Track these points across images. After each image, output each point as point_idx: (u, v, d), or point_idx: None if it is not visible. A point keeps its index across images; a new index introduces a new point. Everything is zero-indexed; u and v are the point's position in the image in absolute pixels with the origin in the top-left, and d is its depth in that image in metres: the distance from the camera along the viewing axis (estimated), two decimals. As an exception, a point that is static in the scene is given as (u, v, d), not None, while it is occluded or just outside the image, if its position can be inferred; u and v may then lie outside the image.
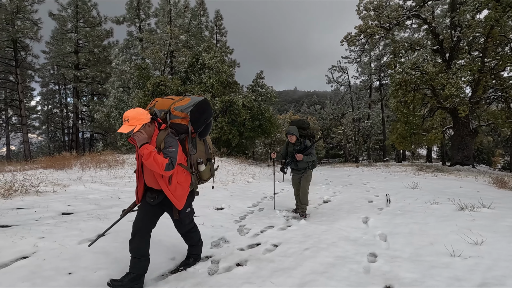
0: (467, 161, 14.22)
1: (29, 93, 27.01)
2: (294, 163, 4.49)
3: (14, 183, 5.06)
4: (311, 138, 4.63)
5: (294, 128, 4.46)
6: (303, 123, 4.59)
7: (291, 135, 4.42)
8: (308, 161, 4.40)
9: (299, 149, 4.41)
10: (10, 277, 2.11)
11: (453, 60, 14.39)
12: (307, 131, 4.56)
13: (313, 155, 4.43)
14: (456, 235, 3.02)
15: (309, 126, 4.60)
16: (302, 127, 4.54)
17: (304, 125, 4.55)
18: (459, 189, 6.07)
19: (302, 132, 4.53)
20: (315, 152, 4.65)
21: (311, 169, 4.58)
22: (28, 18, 20.30)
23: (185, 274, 2.45)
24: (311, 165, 4.53)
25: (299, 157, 4.29)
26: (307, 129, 4.56)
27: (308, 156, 4.37)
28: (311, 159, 4.40)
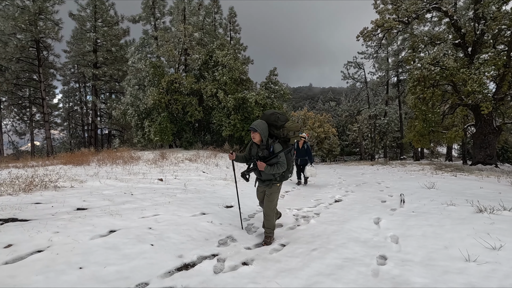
0: (490, 160, 13.58)
1: (51, 91, 28.11)
2: (257, 171, 3.37)
3: (34, 178, 5.29)
4: (286, 141, 3.38)
5: (260, 123, 3.22)
6: (276, 118, 3.27)
7: (254, 132, 3.22)
8: (272, 173, 3.23)
9: (262, 155, 3.24)
10: (25, 270, 2.21)
11: (476, 54, 13.72)
12: (280, 131, 3.30)
13: (281, 166, 3.17)
14: (473, 239, 2.89)
15: (283, 124, 3.30)
16: (273, 124, 3.28)
17: (277, 122, 3.26)
18: (479, 190, 5.81)
19: (273, 131, 3.31)
20: (287, 161, 3.31)
21: (278, 183, 3.37)
22: (50, 19, 21.09)
23: (191, 271, 2.48)
24: (280, 178, 3.36)
25: (260, 166, 3.16)
26: (280, 127, 3.30)
27: (272, 167, 3.15)
28: (277, 170, 3.16)
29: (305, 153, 8.19)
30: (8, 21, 18.57)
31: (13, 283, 2.04)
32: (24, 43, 20.80)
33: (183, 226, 3.47)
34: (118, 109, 19.78)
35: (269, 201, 3.39)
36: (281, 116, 3.29)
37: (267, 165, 3.16)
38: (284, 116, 3.30)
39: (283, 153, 3.22)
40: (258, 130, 3.16)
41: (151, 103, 16.41)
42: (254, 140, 3.27)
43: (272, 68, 19.80)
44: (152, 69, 17.51)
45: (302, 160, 8.31)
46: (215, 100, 17.39)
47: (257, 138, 3.24)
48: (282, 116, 3.30)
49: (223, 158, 12.49)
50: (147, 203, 4.48)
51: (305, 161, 8.24)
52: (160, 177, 6.92)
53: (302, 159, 8.30)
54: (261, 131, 3.18)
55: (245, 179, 3.43)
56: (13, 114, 25.58)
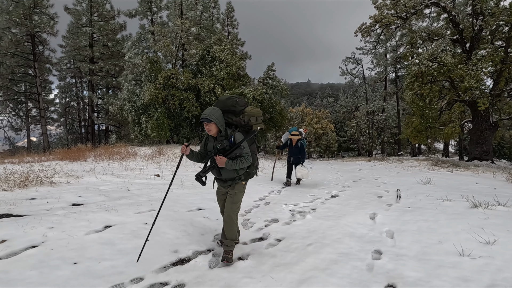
0: (486, 156, 13.66)
1: (47, 86, 27.85)
2: (216, 170, 2.74)
3: (30, 174, 5.26)
4: (248, 130, 2.86)
5: (213, 111, 2.61)
6: (234, 103, 2.75)
7: (208, 123, 2.61)
8: (236, 168, 2.65)
9: (221, 148, 2.67)
10: (19, 265, 2.20)
11: (473, 50, 13.71)
12: (239, 118, 2.76)
13: (246, 159, 2.64)
14: (467, 233, 2.91)
15: (243, 109, 2.77)
16: (231, 110, 2.74)
17: (235, 107, 2.74)
18: (474, 186, 5.85)
19: (232, 118, 2.76)
20: (251, 153, 2.76)
21: (243, 181, 2.81)
22: (45, 13, 20.82)
23: (186, 266, 2.48)
24: (244, 175, 2.79)
25: (220, 162, 2.59)
26: (239, 114, 2.75)
27: (235, 162, 2.60)
28: (241, 165, 2.62)
29: (299, 151, 7.44)
30: (3, 15, 18.30)
31: (6, 279, 2.03)
32: (19, 37, 20.54)
33: (179, 222, 3.47)
34: (115, 104, 19.65)
35: (233, 203, 2.74)
36: (240, 100, 2.81)
37: (229, 160, 2.60)
38: (242, 100, 2.84)
39: (246, 143, 2.69)
40: (212, 120, 2.57)
41: (148, 98, 16.31)
42: (210, 133, 2.67)
43: (270, 64, 19.71)
44: (149, 64, 17.37)
45: (295, 159, 7.51)
46: (212, 96, 17.31)
47: (213, 130, 2.64)
48: (241, 100, 2.82)
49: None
50: (144, 198, 4.47)
51: (298, 159, 7.51)
52: (157, 173, 6.91)
53: (295, 158, 7.52)
54: (217, 120, 2.59)
55: (201, 182, 2.69)
56: (9, 109, 25.36)
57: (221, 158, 2.59)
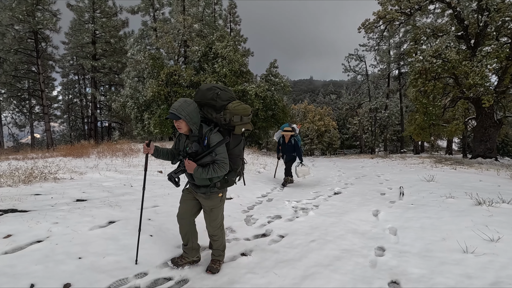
0: (490, 153, 13.57)
1: (50, 83, 27.95)
2: (188, 174, 2.32)
3: (34, 170, 5.30)
4: (228, 130, 2.32)
5: (184, 105, 2.14)
6: (215, 96, 2.22)
7: (177, 120, 2.16)
8: (206, 177, 2.18)
9: (191, 151, 2.20)
10: (24, 260, 2.22)
11: (478, 46, 13.56)
12: (221, 115, 2.25)
13: (220, 167, 2.15)
14: (471, 231, 2.90)
15: (225, 105, 2.26)
16: (210, 103, 2.24)
17: (215, 101, 2.22)
18: (478, 183, 5.81)
19: (211, 114, 2.27)
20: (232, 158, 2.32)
21: (219, 191, 2.33)
22: (48, 10, 20.83)
23: (189, 262, 2.49)
24: (221, 183, 2.30)
25: (189, 168, 2.15)
26: (221, 109, 2.25)
27: (206, 170, 2.13)
28: (214, 174, 2.15)
29: (293, 148, 6.82)
30: (6, 12, 18.33)
31: (12, 273, 2.05)
32: (22, 34, 20.61)
33: (182, 218, 3.48)
34: (118, 101, 19.70)
35: (212, 220, 2.39)
36: (223, 92, 2.25)
37: (198, 166, 2.13)
38: (227, 93, 2.28)
39: (223, 147, 2.17)
40: (181, 116, 2.10)
41: (151, 95, 16.33)
42: (180, 131, 2.21)
43: (273, 60, 19.64)
44: (151, 61, 17.37)
45: (288, 157, 6.93)
46: (214, 93, 17.29)
47: (184, 128, 2.18)
48: (224, 93, 2.26)
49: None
50: (147, 194, 4.48)
51: (293, 157, 6.93)
52: (159, 169, 6.93)
53: (288, 155, 6.94)
54: (187, 117, 2.11)
55: (174, 183, 2.31)
56: (13, 106, 25.50)
57: (190, 163, 2.13)
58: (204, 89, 2.27)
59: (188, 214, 2.43)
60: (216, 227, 2.42)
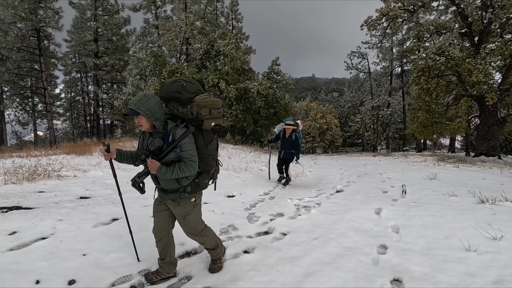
0: (493, 151, 13.49)
1: (53, 81, 28.04)
2: (152, 177, 2.10)
3: (37, 168, 5.33)
4: (197, 126, 2.08)
5: (143, 99, 1.94)
6: (179, 88, 2.02)
7: (137, 116, 1.96)
8: (171, 178, 1.96)
9: (154, 148, 1.97)
10: (29, 256, 2.24)
11: (482, 44, 13.43)
12: (187, 109, 2.04)
13: (187, 166, 1.94)
14: (474, 229, 2.89)
15: (192, 98, 2.04)
16: (175, 97, 2.03)
17: (181, 94, 2.01)
18: (481, 181, 5.79)
19: (177, 109, 2.06)
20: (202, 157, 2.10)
21: (191, 196, 2.10)
22: (50, 7, 20.84)
23: (192, 259, 2.51)
24: (191, 187, 2.07)
25: (151, 167, 1.95)
26: (187, 103, 2.04)
27: (171, 169, 1.92)
28: (180, 174, 1.93)
29: (292, 145, 6.33)
30: (8, 10, 18.36)
31: (18, 269, 2.07)
32: (25, 32, 20.64)
33: (185, 215, 3.50)
34: (120, 99, 19.72)
35: (189, 228, 2.17)
36: (189, 85, 2.05)
37: (162, 165, 1.92)
38: (193, 86, 2.08)
39: (190, 144, 1.97)
40: (141, 112, 1.90)
41: (153, 93, 16.33)
42: (142, 128, 2.00)
43: (275, 58, 19.55)
44: (153, 59, 17.37)
45: (286, 153, 6.42)
46: (216, 90, 17.28)
47: (145, 125, 1.98)
48: (190, 85, 2.06)
49: (225, 148, 12.51)
50: (150, 192, 4.51)
51: (291, 154, 6.43)
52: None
53: (286, 152, 6.42)
54: (148, 112, 1.91)
55: (138, 189, 2.06)
56: (16, 104, 25.63)
57: (153, 163, 1.92)
58: (168, 82, 2.08)
59: (164, 227, 2.21)
60: (196, 234, 2.21)
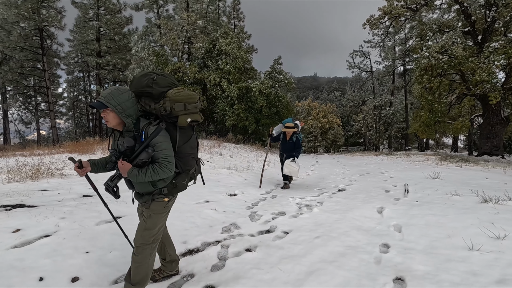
0: (496, 151, 13.42)
1: (55, 80, 28.14)
2: (126, 180, 1.92)
3: (41, 166, 5.37)
4: (172, 123, 1.90)
5: (113, 92, 1.75)
6: (150, 82, 1.83)
7: (105, 111, 1.74)
8: (144, 181, 1.76)
9: (122, 148, 1.76)
10: (33, 254, 2.26)
11: (485, 42, 13.34)
12: (160, 104, 1.84)
13: (161, 167, 1.75)
14: (477, 228, 2.88)
15: (164, 92, 1.85)
16: (146, 92, 1.84)
17: (152, 88, 1.82)
18: (484, 181, 5.76)
19: (150, 105, 1.86)
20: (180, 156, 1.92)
21: (166, 197, 1.92)
22: (52, 7, 20.90)
23: (195, 257, 2.52)
24: (168, 188, 1.90)
25: (122, 170, 1.74)
26: (159, 98, 1.84)
27: (143, 171, 1.73)
28: (154, 176, 1.75)
29: (293, 147, 6.10)
30: (11, 9, 18.45)
31: (22, 266, 2.09)
32: (28, 31, 20.71)
33: (186, 214, 3.51)
34: (122, 98, 19.75)
35: (145, 229, 1.90)
36: (160, 78, 1.86)
37: (134, 167, 1.72)
38: (166, 79, 1.88)
39: (165, 143, 1.76)
40: (109, 105, 1.69)
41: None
42: (109, 124, 1.77)
43: (277, 57, 19.54)
44: (155, 58, 17.39)
45: (288, 156, 6.20)
46: (218, 90, 17.30)
47: (112, 121, 1.75)
48: (162, 79, 1.87)
49: (227, 147, 12.52)
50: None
51: (293, 157, 6.17)
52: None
53: (288, 155, 6.20)
54: (117, 106, 1.70)
55: (112, 194, 1.88)
56: (19, 103, 25.75)
57: (124, 164, 1.72)
58: (138, 76, 1.87)
59: None
60: (145, 240, 1.88)
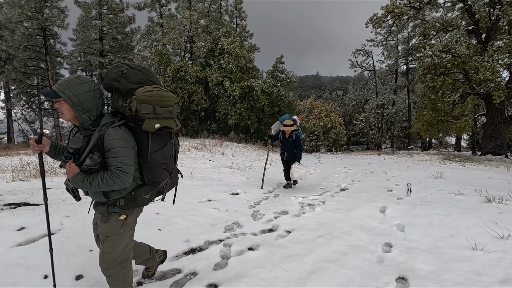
0: (500, 150, 13.33)
1: (59, 79, 28.25)
2: None
3: (45, 165, 5.40)
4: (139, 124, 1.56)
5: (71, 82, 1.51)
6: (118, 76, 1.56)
7: (59, 102, 1.53)
8: (91, 190, 1.54)
9: (74, 151, 1.51)
10: (37, 252, 2.28)
11: (489, 41, 13.24)
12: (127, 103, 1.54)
13: (115, 177, 1.45)
14: (480, 228, 2.87)
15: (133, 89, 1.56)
16: (113, 87, 1.59)
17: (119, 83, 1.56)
18: (488, 180, 5.73)
19: (116, 101, 1.62)
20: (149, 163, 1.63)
21: (122, 213, 1.62)
22: (56, 6, 21.00)
23: (198, 255, 2.53)
24: (125, 201, 1.60)
25: (68, 172, 1.49)
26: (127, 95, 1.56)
27: (91, 178, 1.46)
28: (102, 186, 1.45)
29: (293, 145, 5.77)
30: (15, 9, 18.55)
31: (26, 264, 2.11)
32: (31, 31, 20.82)
33: (189, 212, 3.53)
34: (125, 97, 19.82)
35: (105, 252, 1.66)
36: (132, 72, 1.58)
37: (80, 173, 1.47)
38: (138, 74, 1.59)
39: (123, 149, 1.47)
40: (64, 97, 1.47)
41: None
42: (63, 118, 1.56)
43: (279, 56, 19.50)
44: (158, 57, 17.43)
45: (289, 155, 5.87)
46: (221, 89, 17.31)
47: (66, 114, 1.53)
48: (134, 73, 1.58)
49: (229, 146, 12.53)
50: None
51: (294, 155, 5.84)
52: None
53: (289, 154, 5.87)
54: (73, 98, 1.48)
55: (72, 195, 1.69)
56: (22, 102, 25.91)
57: (71, 167, 1.48)
58: (111, 67, 1.62)
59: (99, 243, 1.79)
60: (109, 263, 1.66)
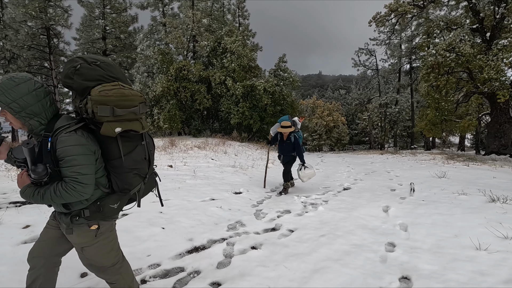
0: (504, 150, 13.23)
1: (62, 78, 28.48)
2: None
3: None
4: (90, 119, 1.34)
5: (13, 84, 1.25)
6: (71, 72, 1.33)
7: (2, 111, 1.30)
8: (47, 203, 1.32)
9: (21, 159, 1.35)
10: (43, 249, 2.30)
11: (494, 40, 13.13)
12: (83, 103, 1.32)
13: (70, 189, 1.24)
14: (484, 228, 2.86)
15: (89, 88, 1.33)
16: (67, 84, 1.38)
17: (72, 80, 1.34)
18: (492, 180, 5.69)
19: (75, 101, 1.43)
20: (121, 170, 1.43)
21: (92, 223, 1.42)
22: (59, 6, 21.13)
23: (201, 254, 2.54)
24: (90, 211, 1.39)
25: (19, 183, 1.33)
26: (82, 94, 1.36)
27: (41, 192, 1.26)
28: (58, 199, 1.25)
29: (292, 147, 5.47)
30: (19, 9, 18.68)
31: (32, 261, 2.13)
32: (35, 30, 20.96)
33: (192, 211, 3.54)
34: (128, 96, 19.88)
35: (88, 264, 1.57)
36: (87, 67, 1.35)
37: (30, 185, 1.30)
38: (95, 70, 1.37)
39: (80, 156, 1.27)
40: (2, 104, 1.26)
41: (160, 90, 16.45)
42: (14, 126, 1.37)
43: (281, 55, 19.48)
44: (161, 56, 17.47)
45: (286, 157, 5.61)
46: (223, 88, 17.32)
47: (15, 123, 1.34)
48: (89, 69, 1.35)
49: (232, 145, 12.55)
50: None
51: (292, 157, 5.59)
52: (169, 164, 7.02)
53: (286, 156, 5.61)
54: (12, 104, 1.26)
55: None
56: (26, 101, 26.09)
57: (22, 178, 1.33)
58: (66, 62, 1.41)
59: (46, 249, 1.55)
60: (102, 271, 1.57)
